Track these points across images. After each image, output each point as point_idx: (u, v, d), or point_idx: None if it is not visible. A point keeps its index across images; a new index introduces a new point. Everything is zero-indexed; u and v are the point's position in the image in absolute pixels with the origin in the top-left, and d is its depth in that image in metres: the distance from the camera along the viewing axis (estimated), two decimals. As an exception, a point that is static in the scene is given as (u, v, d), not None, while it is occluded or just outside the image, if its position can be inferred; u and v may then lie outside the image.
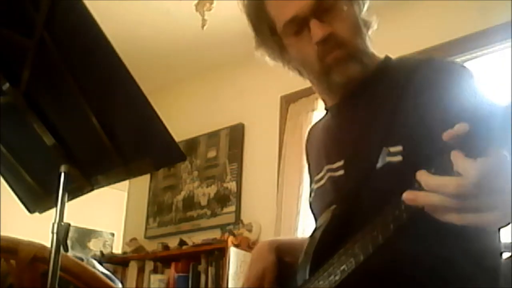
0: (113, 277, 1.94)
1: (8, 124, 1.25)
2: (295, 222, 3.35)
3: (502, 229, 0.79)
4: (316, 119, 1.36)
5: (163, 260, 3.88)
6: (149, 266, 3.92)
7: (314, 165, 1.26)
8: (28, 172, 1.31)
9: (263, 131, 3.93)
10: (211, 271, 3.54)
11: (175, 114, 4.06)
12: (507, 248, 1.07)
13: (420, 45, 3.08)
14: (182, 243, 3.79)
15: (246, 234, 3.59)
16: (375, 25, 1.14)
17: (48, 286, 1.13)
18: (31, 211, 1.36)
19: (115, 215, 4.74)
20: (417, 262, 0.95)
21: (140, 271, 3.94)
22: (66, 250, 1.18)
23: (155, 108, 1.08)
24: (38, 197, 1.33)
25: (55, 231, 1.17)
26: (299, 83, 1.19)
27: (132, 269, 3.98)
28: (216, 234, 3.74)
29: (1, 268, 1.57)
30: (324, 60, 1.08)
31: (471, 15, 3.13)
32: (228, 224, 3.78)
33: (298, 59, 1.14)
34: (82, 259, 1.91)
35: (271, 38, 1.14)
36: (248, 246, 3.48)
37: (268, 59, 1.19)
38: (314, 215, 1.23)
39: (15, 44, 1.14)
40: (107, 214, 4.95)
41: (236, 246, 3.44)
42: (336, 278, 0.94)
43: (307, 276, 1.04)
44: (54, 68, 1.14)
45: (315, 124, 1.35)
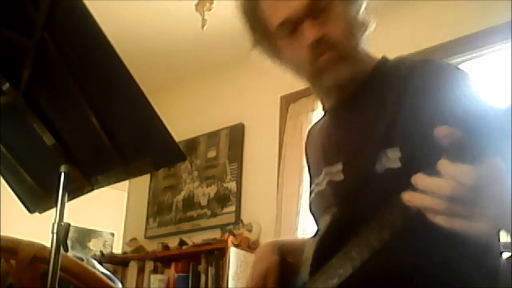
0: (113, 277, 1.94)
1: (8, 124, 1.25)
2: (295, 222, 3.35)
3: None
4: (316, 119, 1.36)
5: (163, 260, 3.88)
6: (149, 266, 3.91)
7: (313, 166, 1.26)
8: (28, 172, 1.31)
9: (263, 131, 3.93)
10: (211, 271, 3.54)
11: (175, 114, 4.05)
12: (506, 248, 1.06)
13: (420, 45, 3.08)
14: (182, 243, 3.79)
15: (246, 234, 3.59)
16: (372, 26, 1.13)
17: (48, 286, 1.14)
18: (31, 211, 1.36)
19: (115, 215, 4.74)
20: (414, 265, 0.95)
21: (140, 271, 3.94)
22: (66, 250, 1.18)
23: (155, 108, 1.08)
24: (38, 197, 1.33)
25: (55, 231, 1.17)
26: (299, 83, 1.19)
27: (132, 269, 3.98)
28: (216, 234, 3.74)
29: (1, 268, 1.57)
30: (315, 63, 1.07)
31: (471, 15, 3.13)
32: (228, 224, 3.78)
33: (291, 61, 1.13)
34: (82, 259, 1.91)
35: (266, 38, 1.13)
36: (248, 246, 3.48)
37: (265, 57, 1.18)
38: (313, 216, 1.23)
39: (15, 44, 1.14)
40: (107, 214, 4.96)
41: (236, 246, 3.44)
42: (334, 281, 0.94)
43: (307, 278, 1.04)
44: (54, 68, 1.14)
45: (314, 125, 1.34)
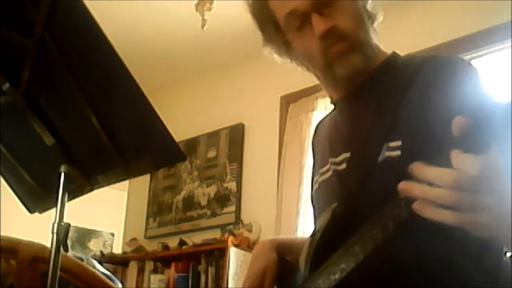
0: (113, 277, 1.94)
1: (8, 124, 1.25)
2: (295, 222, 3.35)
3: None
4: (315, 119, 1.36)
5: (163, 260, 3.88)
6: (149, 266, 3.92)
7: (319, 158, 1.26)
8: (28, 172, 1.31)
9: (263, 131, 3.93)
10: (211, 271, 3.54)
11: (175, 114, 4.06)
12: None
13: (421, 45, 3.07)
14: (182, 243, 3.79)
15: (246, 234, 3.59)
16: (380, 17, 1.15)
17: (48, 286, 1.13)
18: (31, 211, 1.36)
19: (115, 215, 4.74)
20: (415, 262, 0.95)
21: (140, 271, 3.94)
22: (66, 250, 1.18)
23: (155, 108, 1.08)
24: (38, 197, 1.32)
25: (55, 231, 1.17)
26: (299, 83, 1.20)
27: (132, 269, 3.98)
28: (216, 234, 3.74)
29: (1, 268, 1.57)
30: (327, 54, 1.09)
31: (471, 15, 3.13)
32: (228, 224, 3.78)
33: (303, 54, 1.15)
34: (82, 259, 1.91)
35: (276, 35, 1.15)
36: (248, 246, 3.48)
37: (276, 56, 1.20)
38: (314, 209, 1.23)
39: (15, 44, 1.14)
40: (107, 214, 4.96)
41: (236, 246, 3.44)
42: (336, 276, 0.94)
43: (307, 274, 1.04)
44: (54, 68, 1.14)
45: (323, 119, 1.35)
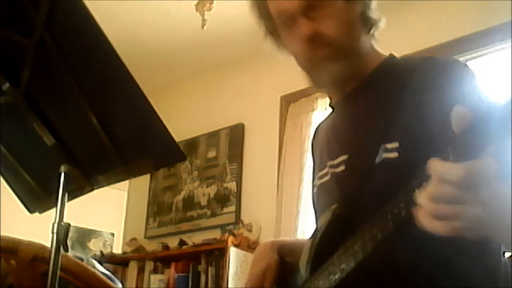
0: (113, 277, 1.94)
1: (8, 124, 1.25)
2: (295, 222, 3.35)
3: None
4: (315, 119, 1.37)
5: (163, 260, 3.88)
6: (149, 266, 3.92)
7: (318, 161, 1.27)
8: (28, 172, 1.31)
9: (263, 131, 3.93)
10: (211, 271, 3.54)
11: (175, 114, 4.05)
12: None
13: (420, 45, 3.07)
14: (182, 243, 3.79)
15: (246, 234, 3.59)
16: (381, 24, 1.15)
17: (48, 286, 1.13)
18: (31, 211, 1.36)
19: (115, 215, 4.74)
20: (414, 262, 0.95)
21: (140, 271, 3.94)
22: (66, 250, 1.18)
23: (155, 108, 1.08)
24: (38, 197, 1.33)
25: (55, 231, 1.17)
26: (299, 83, 1.20)
27: (132, 269, 3.98)
28: (216, 234, 3.74)
29: (1, 268, 1.57)
30: (310, 58, 1.10)
31: (471, 15, 3.13)
32: (228, 224, 3.78)
33: (292, 54, 1.16)
34: (82, 259, 1.91)
35: (274, 31, 1.17)
36: (248, 246, 3.48)
37: (275, 48, 1.21)
38: (315, 211, 1.24)
39: (15, 44, 1.14)
40: (107, 214, 4.96)
41: (236, 246, 3.44)
42: (336, 277, 0.94)
43: (307, 275, 1.04)
44: (54, 68, 1.14)
45: (322, 122, 1.35)
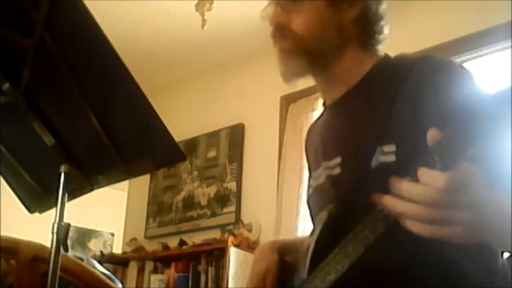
0: (113, 277, 1.94)
1: (8, 124, 1.25)
2: (295, 222, 3.35)
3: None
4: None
5: (163, 260, 3.88)
6: (149, 266, 3.92)
7: (312, 162, 1.26)
8: (28, 172, 1.31)
9: (263, 131, 3.93)
10: (211, 271, 3.54)
11: (175, 114, 4.05)
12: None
13: (420, 45, 3.07)
14: (182, 243, 3.79)
15: (246, 234, 3.59)
16: (382, 35, 1.15)
17: (48, 286, 1.13)
18: (31, 211, 1.36)
19: (115, 215, 4.74)
20: (412, 262, 0.95)
21: (140, 271, 3.94)
22: (66, 250, 1.18)
23: (155, 108, 1.08)
24: (38, 197, 1.33)
25: (55, 231, 1.17)
26: (299, 83, 1.19)
27: (132, 269, 3.98)
28: (216, 234, 3.74)
29: (1, 268, 1.57)
30: (275, 47, 1.13)
31: (471, 15, 3.13)
32: (228, 224, 3.78)
33: None
34: (82, 259, 1.91)
35: None
36: (248, 246, 3.48)
37: None
38: (310, 212, 1.24)
39: (15, 44, 1.14)
40: (107, 214, 4.96)
41: (236, 246, 3.44)
42: (331, 277, 0.94)
43: (305, 275, 1.04)
44: (54, 68, 1.14)
45: (314, 123, 1.35)
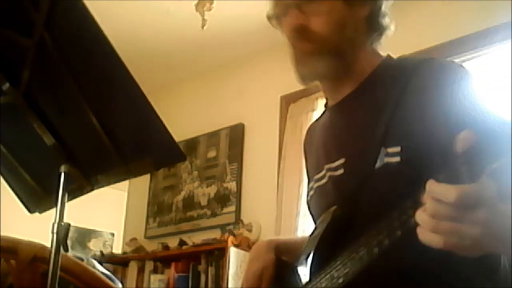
0: (113, 277, 1.94)
1: (8, 124, 1.25)
2: (295, 222, 3.35)
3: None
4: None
5: (163, 260, 3.88)
6: (149, 266, 3.92)
7: (313, 163, 1.26)
8: (28, 172, 1.31)
9: (263, 131, 3.93)
10: (211, 271, 3.54)
11: (175, 114, 4.05)
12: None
13: (420, 45, 3.07)
14: (182, 243, 3.79)
15: (246, 234, 3.59)
16: (388, 30, 1.16)
17: (48, 286, 1.14)
18: (31, 211, 1.36)
19: (115, 215, 4.74)
20: (415, 263, 0.95)
21: (140, 271, 3.94)
22: (66, 250, 1.18)
23: (155, 108, 1.08)
24: (38, 197, 1.33)
25: (55, 231, 1.17)
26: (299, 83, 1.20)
27: (132, 269, 3.98)
28: (216, 234, 3.73)
29: (1, 268, 1.57)
30: (294, 49, 1.12)
31: (471, 15, 3.12)
32: (228, 224, 3.78)
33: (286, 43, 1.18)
34: (82, 259, 1.92)
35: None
36: (248, 246, 3.48)
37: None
38: (312, 214, 1.23)
39: (15, 44, 1.14)
40: (107, 214, 4.96)
41: (236, 246, 3.44)
42: (340, 281, 0.94)
43: (306, 276, 1.04)
44: (54, 68, 1.14)
45: (314, 123, 1.34)
